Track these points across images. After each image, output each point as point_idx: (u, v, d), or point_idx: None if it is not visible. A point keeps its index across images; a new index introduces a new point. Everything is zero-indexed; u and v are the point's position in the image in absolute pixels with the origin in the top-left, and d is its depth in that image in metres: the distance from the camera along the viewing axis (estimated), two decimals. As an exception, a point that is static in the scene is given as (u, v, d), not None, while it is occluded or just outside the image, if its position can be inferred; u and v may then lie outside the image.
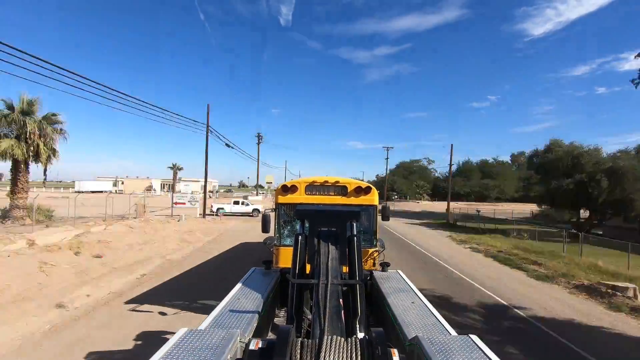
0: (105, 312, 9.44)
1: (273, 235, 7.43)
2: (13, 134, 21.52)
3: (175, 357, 2.61)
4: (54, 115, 23.33)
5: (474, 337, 3.13)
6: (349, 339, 2.54)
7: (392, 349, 2.50)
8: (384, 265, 6.51)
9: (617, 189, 26.36)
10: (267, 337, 4.28)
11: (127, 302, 10.25)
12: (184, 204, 34.51)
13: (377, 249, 7.21)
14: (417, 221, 42.28)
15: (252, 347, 2.66)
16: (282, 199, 7.15)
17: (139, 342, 7.65)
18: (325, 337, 2.53)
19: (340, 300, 3.41)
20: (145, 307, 9.83)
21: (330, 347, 2.43)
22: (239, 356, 2.95)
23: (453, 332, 3.65)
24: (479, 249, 23.07)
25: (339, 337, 2.54)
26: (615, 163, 27.19)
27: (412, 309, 4.40)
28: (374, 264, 7.06)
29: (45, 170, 24.02)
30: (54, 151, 23.27)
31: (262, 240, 8.55)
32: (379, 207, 7.34)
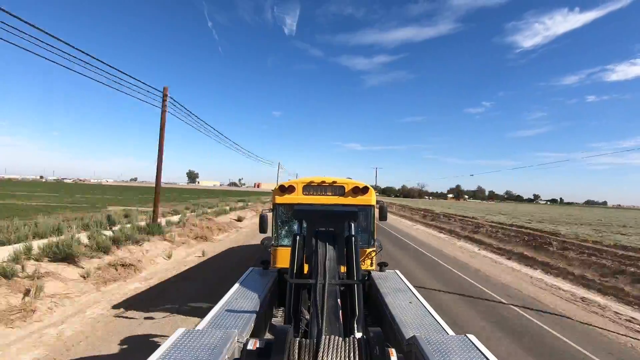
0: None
1: (270, 235, 7.41)
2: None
3: (173, 357, 2.59)
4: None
5: (471, 337, 3.14)
6: (347, 339, 2.54)
7: (390, 349, 2.50)
8: (382, 265, 6.51)
9: None
10: (265, 337, 4.27)
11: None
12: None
13: (374, 249, 7.21)
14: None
15: (249, 347, 2.65)
16: (280, 199, 7.14)
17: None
18: (323, 337, 2.53)
19: (338, 300, 3.41)
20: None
21: (328, 346, 2.43)
22: (236, 356, 2.94)
23: (450, 332, 3.66)
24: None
25: (336, 337, 2.53)
26: None
27: (410, 308, 4.40)
28: (371, 264, 7.06)
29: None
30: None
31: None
32: (377, 207, 7.34)
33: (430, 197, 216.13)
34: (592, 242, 22.52)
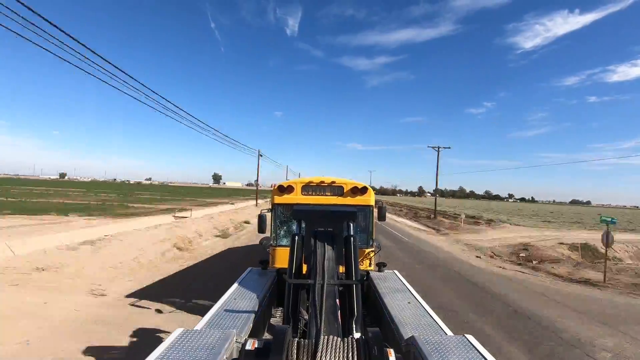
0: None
1: (269, 235, 7.41)
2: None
3: (171, 357, 2.59)
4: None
5: (470, 337, 3.14)
6: (346, 339, 2.54)
7: (388, 349, 2.50)
8: (381, 266, 6.51)
9: None
10: (264, 337, 4.27)
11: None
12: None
13: (373, 249, 7.21)
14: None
15: (248, 347, 2.65)
16: (279, 200, 7.13)
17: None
18: (322, 337, 2.52)
19: (337, 300, 3.41)
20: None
21: (327, 347, 2.43)
22: (235, 356, 2.94)
23: (449, 332, 3.66)
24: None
25: (335, 337, 2.53)
26: None
27: (408, 309, 4.40)
28: (370, 264, 7.06)
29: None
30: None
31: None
32: (375, 207, 7.34)
33: (400, 195, 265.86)
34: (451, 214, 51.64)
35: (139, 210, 31.07)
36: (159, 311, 9.00)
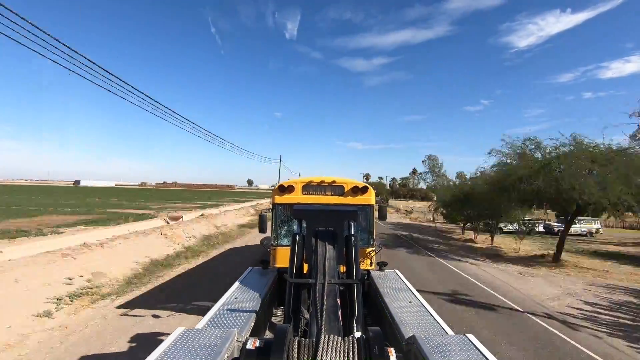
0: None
1: (270, 235, 7.42)
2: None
3: (172, 356, 2.60)
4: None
5: (471, 336, 3.14)
6: (346, 338, 2.54)
7: (389, 348, 2.50)
8: (381, 265, 6.51)
9: None
10: (265, 337, 4.27)
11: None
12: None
13: (374, 248, 7.21)
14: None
15: (249, 346, 2.65)
16: (279, 199, 7.14)
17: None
18: (323, 336, 2.52)
19: (338, 299, 3.41)
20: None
21: (328, 346, 2.43)
22: (236, 355, 2.94)
23: (450, 332, 3.66)
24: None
25: (336, 336, 2.53)
26: None
27: (409, 308, 4.40)
28: (371, 264, 7.06)
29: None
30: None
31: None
32: (376, 206, 7.35)
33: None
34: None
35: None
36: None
